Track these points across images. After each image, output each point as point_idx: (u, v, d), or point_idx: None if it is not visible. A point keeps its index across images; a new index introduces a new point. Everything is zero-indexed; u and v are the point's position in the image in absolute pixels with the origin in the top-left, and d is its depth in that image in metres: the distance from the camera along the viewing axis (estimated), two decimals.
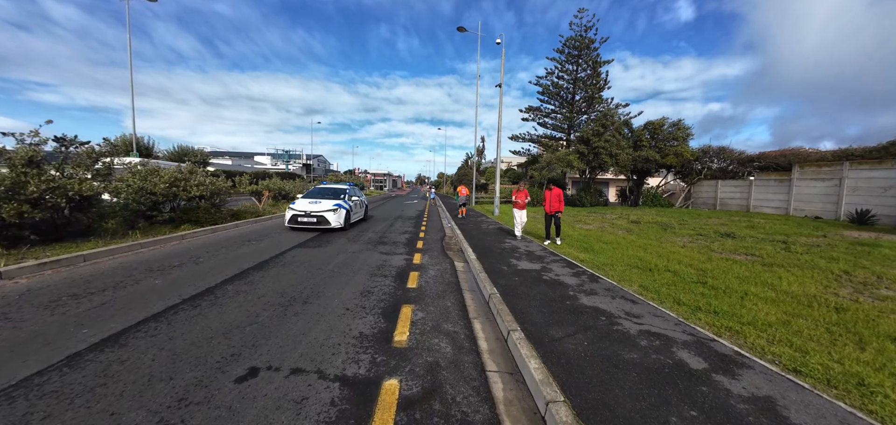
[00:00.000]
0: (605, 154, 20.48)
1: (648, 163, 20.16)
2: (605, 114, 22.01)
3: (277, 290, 4.87)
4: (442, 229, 12.67)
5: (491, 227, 12.56)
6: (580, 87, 41.78)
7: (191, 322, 3.68)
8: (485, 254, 7.50)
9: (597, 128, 21.77)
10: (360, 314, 4.10)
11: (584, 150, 21.52)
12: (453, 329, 3.82)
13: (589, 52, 40.16)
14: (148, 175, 9.31)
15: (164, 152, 28.38)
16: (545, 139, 45.16)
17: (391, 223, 13.82)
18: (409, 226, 12.96)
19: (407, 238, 10.16)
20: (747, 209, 18.16)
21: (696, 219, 14.85)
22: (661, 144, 20.60)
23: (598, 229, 12.33)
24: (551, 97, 43.93)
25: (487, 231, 11.55)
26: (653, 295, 4.84)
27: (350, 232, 10.91)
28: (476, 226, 13.01)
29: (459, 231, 11.25)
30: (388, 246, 8.77)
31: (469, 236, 10.15)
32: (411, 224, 13.87)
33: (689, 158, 19.48)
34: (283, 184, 18.62)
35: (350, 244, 8.79)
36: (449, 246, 9.29)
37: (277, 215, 14.08)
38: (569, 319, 3.87)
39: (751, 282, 5.59)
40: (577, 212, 18.88)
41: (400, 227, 12.57)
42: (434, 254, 7.99)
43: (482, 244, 8.85)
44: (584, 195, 22.72)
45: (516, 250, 8.16)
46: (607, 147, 20.50)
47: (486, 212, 19.54)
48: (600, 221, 14.77)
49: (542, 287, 5.16)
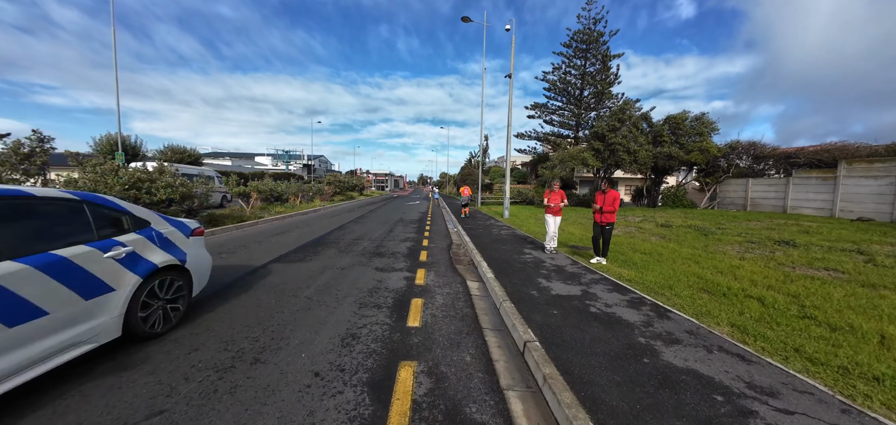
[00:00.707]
0: (623, 151, 18.94)
1: (671, 161, 18.61)
2: (622, 109, 20.49)
3: (224, 336, 3.45)
4: (448, 235, 11.23)
5: (503, 233, 11.10)
6: (588, 83, 40.25)
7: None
8: (504, 271, 6.05)
9: (612, 123, 20.22)
10: (333, 387, 2.67)
11: (599, 147, 19.98)
12: (481, 419, 2.38)
13: (598, 45, 38.62)
14: (104, 174, 7.94)
15: (154, 152, 27.18)
16: (552, 137, 43.63)
17: (391, 228, 12.40)
18: (410, 232, 11.54)
19: (408, 247, 8.74)
20: (784, 210, 16.57)
21: (732, 222, 13.32)
22: (683, 140, 19.05)
23: (626, 235, 10.84)
24: (558, 93, 42.42)
25: (501, 238, 10.09)
26: (762, 343, 3.37)
27: (342, 241, 9.51)
28: (486, 230, 11.56)
29: (468, 237, 9.80)
30: (385, 258, 7.35)
31: (480, 244, 8.71)
32: (413, 229, 12.45)
33: (716, 155, 17.93)
34: (275, 185, 17.25)
35: (340, 256, 7.38)
36: (458, 257, 7.85)
37: (265, 220, 12.71)
38: (664, 403, 2.41)
39: (871, 315, 4.12)
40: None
41: (400, 233, 11.15)
42: (441, 270, 6.56)
43: (498, 256, 7.41)
44: None
45: (541, 265, 6.71)
46: (625, 143, 18.96)
47: (495, 213, 18.09)
48: (624, 225, 13.27)
49: (595, 327, 3.70)
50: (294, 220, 13.85)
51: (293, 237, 9.72)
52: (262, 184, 16.85)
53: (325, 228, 11.82)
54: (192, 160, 28.60)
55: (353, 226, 12.72)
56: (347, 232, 11.11)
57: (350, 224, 13.26)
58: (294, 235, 10.04)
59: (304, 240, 9.35)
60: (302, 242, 8.89)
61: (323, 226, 12.47)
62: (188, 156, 27.94)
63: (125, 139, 22.26)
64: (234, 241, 8.76)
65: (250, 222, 11.80)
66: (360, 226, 12.79)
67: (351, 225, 12.97)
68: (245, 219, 12.30)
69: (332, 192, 27.40)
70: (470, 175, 48.89)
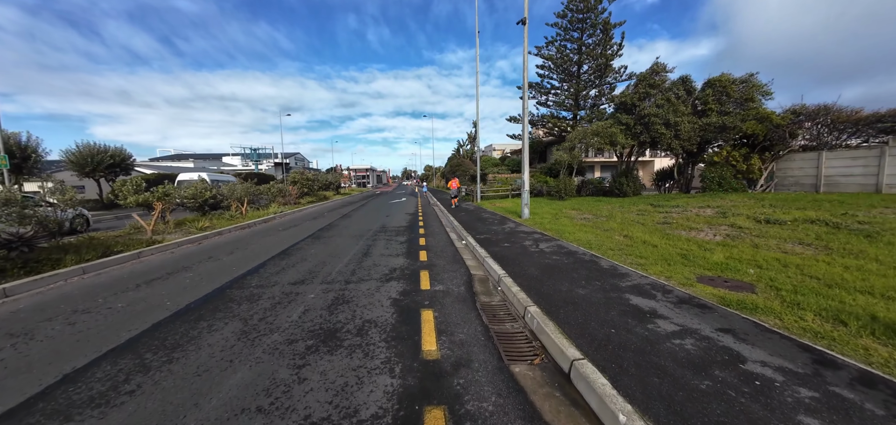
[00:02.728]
0: (659, 123, 15.20)
1: (725, 133, 14.98)
2: (652, 72, 16.72)
3: None
4: (457, 257, 7.06)
5: (546, 248, 6.99)
6: (588, 56, 36.60)
7: None
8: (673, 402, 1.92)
9: (642, 90, 16.40)
10: None
11: (629, 122, 16.14)
12: None
13: (596, 12, 34.91)
14: None
15: (62, 153, 21.70)
16: (549, 119, 39.90)
17: (367, 248, 8.14)
18: (397, 254, 7.33)
19: (395, 298, 4.56)
20: (876, 189, 13.20)
21: (847, 209, 9.77)
22: (729, 108, 15.51)
23: (722, 241, 6.97)
24: (555, 69, 38.59)
25: (557, 266, 6.01)
26: None
27: (267, 292, 5.22)
28: (515, 243, 7.43)
29: (497, 264, 5.65)
30: (347, 344, 3.17)
31: (535, 284, 4.56)
32: (401, 246, 8.23)
33: (778, 124, 14.47)
34: (202, 189, 12.55)
35: (253, 331, 3.13)
36: (497, 317, 3.73)
37: (165, 245, 8.21)
38: None
39: None
40: (625, 205, 13.59)
41: (381, 261, 6.92)
42: (484, 390, 2.37)
43: (597, 324, 3.30)
44: (623, 182, 17.44)
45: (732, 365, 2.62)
46: (662, 114, 15.19)
47: (505, 211, 14.06)
48: (702, 224, 9.42)
49: None
50: (220, 242, 9.37)
51: (176, 286, 5.33)
52: (184, 191, 12.16)
53: (260, 255, 7.44)
54: (117, 164, 23.24)
55: (310, 247, 8.38)
56: (293, 262, 6.79)
57: (306, 242, 8.91)
58: (185, 279, 5.65)
59: (193, 293, 4.99)
60: (179, 306, 4.53)
61: (259, 249, 8.08)
62: (111, 157, 22.57)
63: (10, 138, 16.91)
64: (60, 302, 4.32)
65: (128, 254, 7.25)
66: (321, 246, 8.46)
67: (307, 245, 8.62)
68: (131, 245, 7.74)
69: (299, 193, 22.71)
70: (460, 166, 44.73)
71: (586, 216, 11.96)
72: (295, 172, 24.41)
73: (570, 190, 17.73)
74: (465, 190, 28.68)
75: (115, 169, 23.41)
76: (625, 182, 17.20)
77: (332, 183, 33.31)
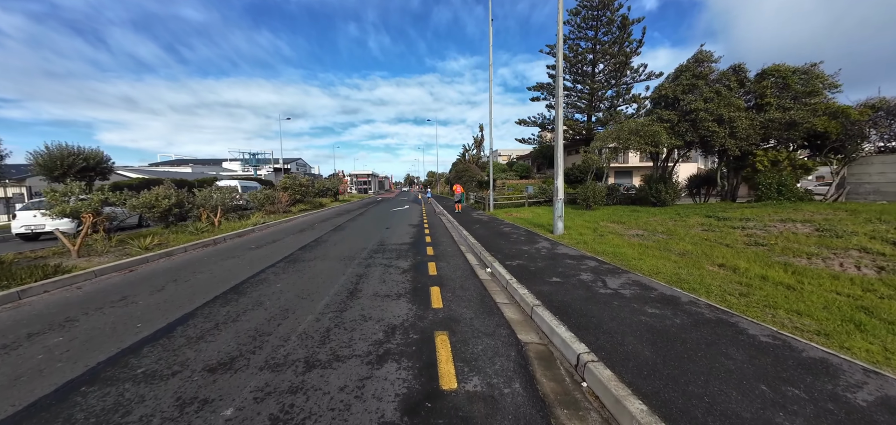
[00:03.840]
0: (710, 120, 12.86)
1: (792, 130, 12.58)
2: (696, 61, 14.41)
3: None
4: (485, 299, 4.73)
5: (625, 287, 4.64)
6: (603, 55, 34.48)
7: None
8: None
9: (686, 83, 14.10)
10: None
11: (672, 118, 13.80)
12: None
13: (613, 8, 32.87)
14: None
15: (29, 155, 19.61)
16: (564, 122, 37.61)
17: (362, 269, 5.89)
18: (397, 283, 5.05)
19: (397, 399, 2.21)
20: None
21: None
22: (788, 103, 13.20)
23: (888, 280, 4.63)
24: (568, 68, 36.49)
25: (675, 333, 3.63)
26: None
27: (202, 346, 2.89)
28: (569, 278, 5.08)
29: (620, 383, 3.32)
30: None
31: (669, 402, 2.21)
32: (403, 271, 5.92)
33: (856, 119, 12.09)
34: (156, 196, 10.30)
35: None
36: None
37: (70, 278, 5.97)
38: None
39: None
40: (674, 217, 11.24)
41: (377, 286, 4.67)
42: None
43: None
44: (661, 188, 15.08)
45: None
46: (712, 109, 12.85)
47: (529, 223, 11.75)
48: (813, 246, 7.08)
49: None
50: (159, 269, 7.13)
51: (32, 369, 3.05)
52: (143, 198, 9.95)
53: (197, 296, 5.17)
54: (92, 167, 21.16)
55: (278, 277, 6.12)
56: (238, 311, 4.53)
57: (275, 270, 6.64)
58: (25, 357, 3.37)
59: (10, 398, 2.70)
60: None
61: (204, 283, 5.82)
62: (84, 159, 20.48)
63: None
64: None
65: (2, 295, 4.98)
66: (293, 276, 6.18)
67: (274, 274, 6.35)
68: (30, 276, 5.49)
69: (290, 201, 20.51)
70: (467, 171, 42.50)
71: (636, 232, 9.61)
72: (286, 178, 22.26)
73: (599, 197, 15.41)
74: (475, 197, 26.38)
75: (90, 172, 21.32)
76: (663, 189, 14.84)
77: (330, 189, 31.11)
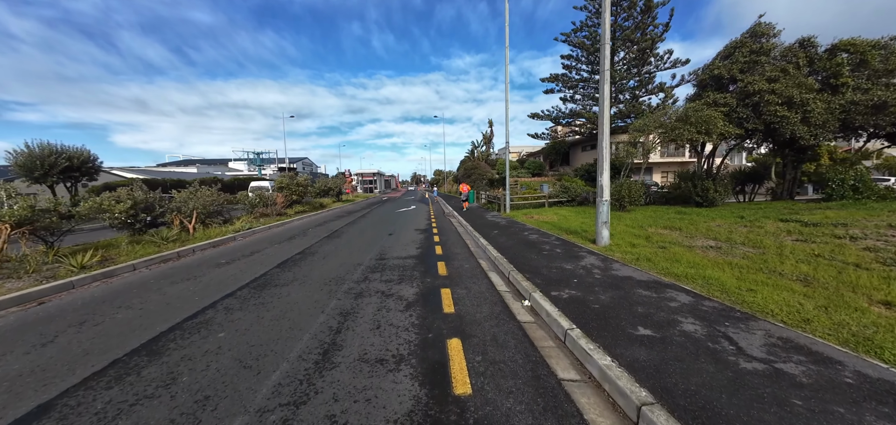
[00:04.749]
0: (778, 103, 10.75)
1: (879, 116, 10.39)
2: (753, 35, 12.22)
3: None
4: (537, 364, 2.84)
5: (786, 363, 2.71)
6: (625, 41, 32.18)
7: None
8: None
9: (743, 60, 11.93)
10: None
11: (731, 102, 11.65)
12: None
13: None
14: None
15: (7, 155, 18.27)
16: (582, 114, 35.41)
17: (351, 302, 4.11)
18: (398, 329, 3.23)
19: None
20: None
21: None
22: (866, 83, 11.02)
23: None
24: (586, 56, 34.22)
25: None
26: None
27: None
28: (668, 330, 3.16)
29: None
30: None
31: None
32: (407, 305, 4.10)
33: None
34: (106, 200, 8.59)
35: None
36: None
37: None
38: None
39: None
40: (738, 221, 9.20)
41: (369, 335, 2.88)
42: None
43: None
44: (710, 187, 12.93)
45: None
46: (782, 91, 10.72)
47: (556, 228, 9.83)
48: None
49: None
50: (81, 299, 5.44)
51: None
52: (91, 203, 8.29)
53: (98, 354, 3.39)
54: (76, 167, 19.82)
55: (230, 317, 4.35)
56: (138, 395, 2.70)
57: (233, 302, 4.87)
58: None
59: None
60: None
61: (120, 331, 4.06)
62: (67, 159, 19.13)
63: None
64: None
65: None
66: (249, 315, 4.39)
67: (228, 311, 4.58)
68: None
69: (286, 202, 18.85)
70: (476, 168, 40.55)
71: (703, 241, 7.61)
72: (282, 177, 20.62)
73: (636, 196, 13.34)
74: (486, 196, 24.44)
75: (74, 173, 20.01)
76: (711, 186, 12.71)
77: (332, 188, 29.43)
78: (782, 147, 12.49)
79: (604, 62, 7.47)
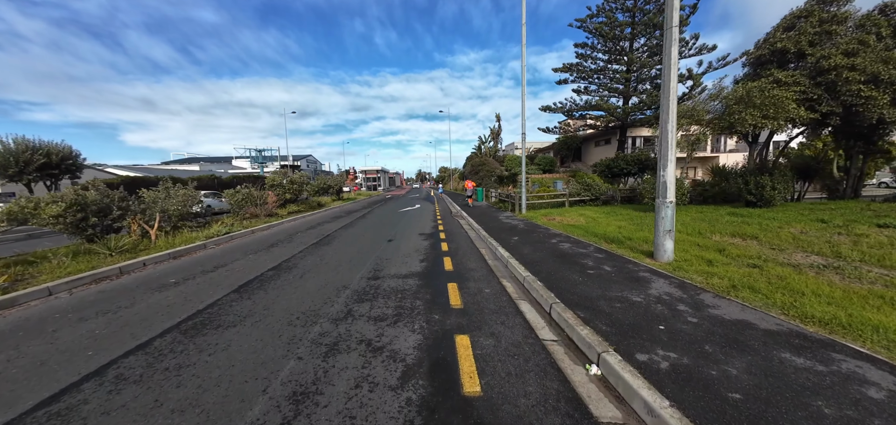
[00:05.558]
0: (860, 81, 8.81)
1: None
2: (822, 0, 10.19)
3: None
4: None
5: None
6: (645, 26, 29.94)
7: None
8: None
9: (812, 32, 9.95)
10: None
11: (803, 81, 9.67)
12: None
13: None
14: None
15: None
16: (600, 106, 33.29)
17: (313, 371, 2.33)
18: None
19: None
20: None
21: None
22: None
23: None
24: (603, 43, 32.03)
25: None
26: None
27: None
28: None
29: None
30: None
31: None
32: (403, 375, 2.35)
33: None
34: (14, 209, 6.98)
35: None
36: None
37: None
38: None
39: None
40: (817, 227, 7.34)
41: None
42: None
43: None
44: (765, 183, 10.96)
45: None
46: (866, 66, 8.75)
47: (592, 235, 8.03)
48: None
49: None
50: None
51: None
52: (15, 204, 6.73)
53: None
54: (55, 164, 18.45)
55: (131, 389, 2.62)
56: None
57: (134, 363, 3.18)
58: None
59: None
60: None
61: None
62: (44, 156, 17.77)
63: None
64: None
65: None
66: (144, 399, 2.68)
67: (112, 388, 2.88)
68: None
69: (277, 202, 17.25)
70: (484, 165, 38.76)
71: (804, 257, 5.77)
72: (273, 175, 19.10)
73: (681, 195, 11.43)
74: (497, 195, 22.61)
75: (53, 170, 18.65)
76: (769, 183, 10.73)
77: (331, 186, 27.79)
78: (858, 137, 10.48)
79: (671, 14, 5.60)
